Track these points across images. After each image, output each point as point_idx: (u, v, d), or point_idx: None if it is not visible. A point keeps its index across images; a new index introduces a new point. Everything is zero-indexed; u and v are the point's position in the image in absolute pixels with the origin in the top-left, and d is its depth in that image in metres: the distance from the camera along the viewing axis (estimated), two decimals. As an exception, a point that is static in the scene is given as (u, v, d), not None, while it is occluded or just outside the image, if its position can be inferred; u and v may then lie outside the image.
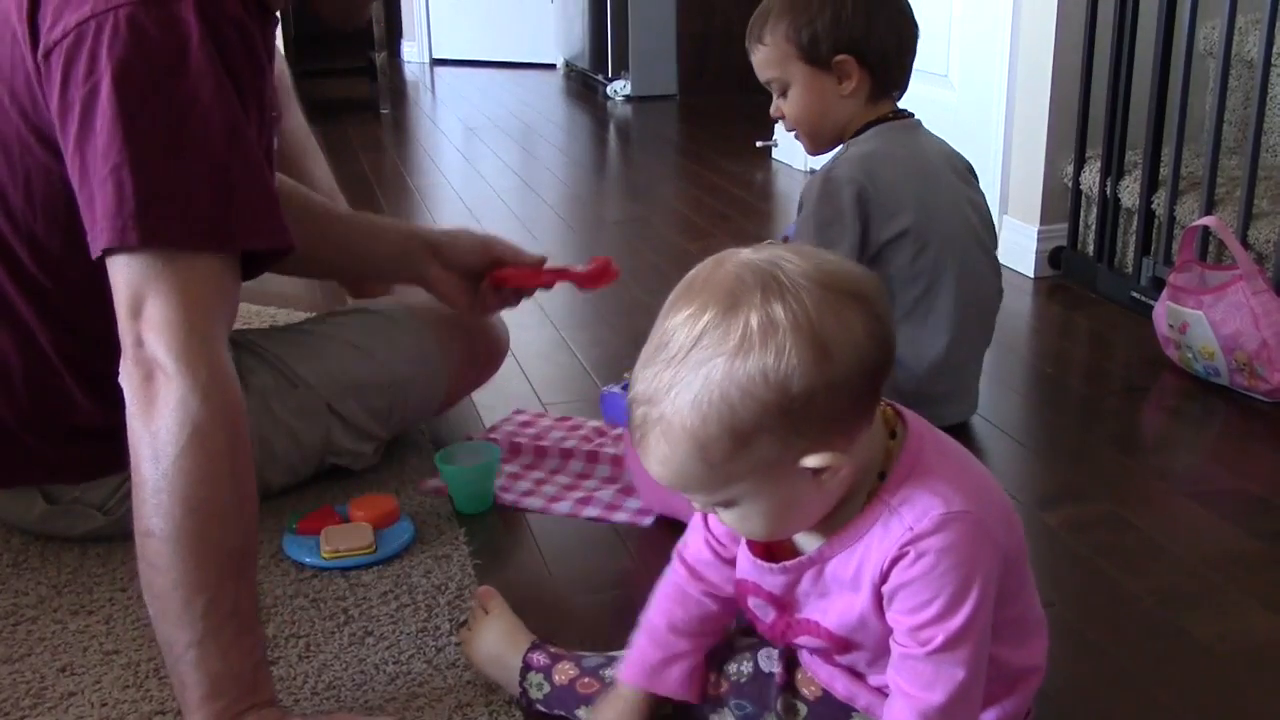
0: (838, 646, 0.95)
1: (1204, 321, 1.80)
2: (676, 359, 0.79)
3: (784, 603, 0.96)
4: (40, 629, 1.26)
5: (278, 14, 1.35)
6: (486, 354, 1.71)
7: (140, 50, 1.06)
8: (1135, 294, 2.18)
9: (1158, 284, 2.07)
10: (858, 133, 1.64)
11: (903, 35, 1.64)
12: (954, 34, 2.67)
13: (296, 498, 1.51)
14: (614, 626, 1.25)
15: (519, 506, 1.51)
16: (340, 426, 1.52)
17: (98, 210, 1.06)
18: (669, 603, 1.04)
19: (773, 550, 0.95)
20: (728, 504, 0.86)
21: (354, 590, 1.32)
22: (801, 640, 0.97)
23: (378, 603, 1.29)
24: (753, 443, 0.80)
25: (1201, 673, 1.18)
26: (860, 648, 0.94)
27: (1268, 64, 1.93)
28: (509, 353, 1.77)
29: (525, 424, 1.73)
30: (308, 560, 1.36)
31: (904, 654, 0.87)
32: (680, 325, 0.80)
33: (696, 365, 0.79)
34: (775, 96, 1.66)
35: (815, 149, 1.72)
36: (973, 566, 0.85)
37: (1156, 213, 2.19)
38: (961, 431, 1.68)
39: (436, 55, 6.28)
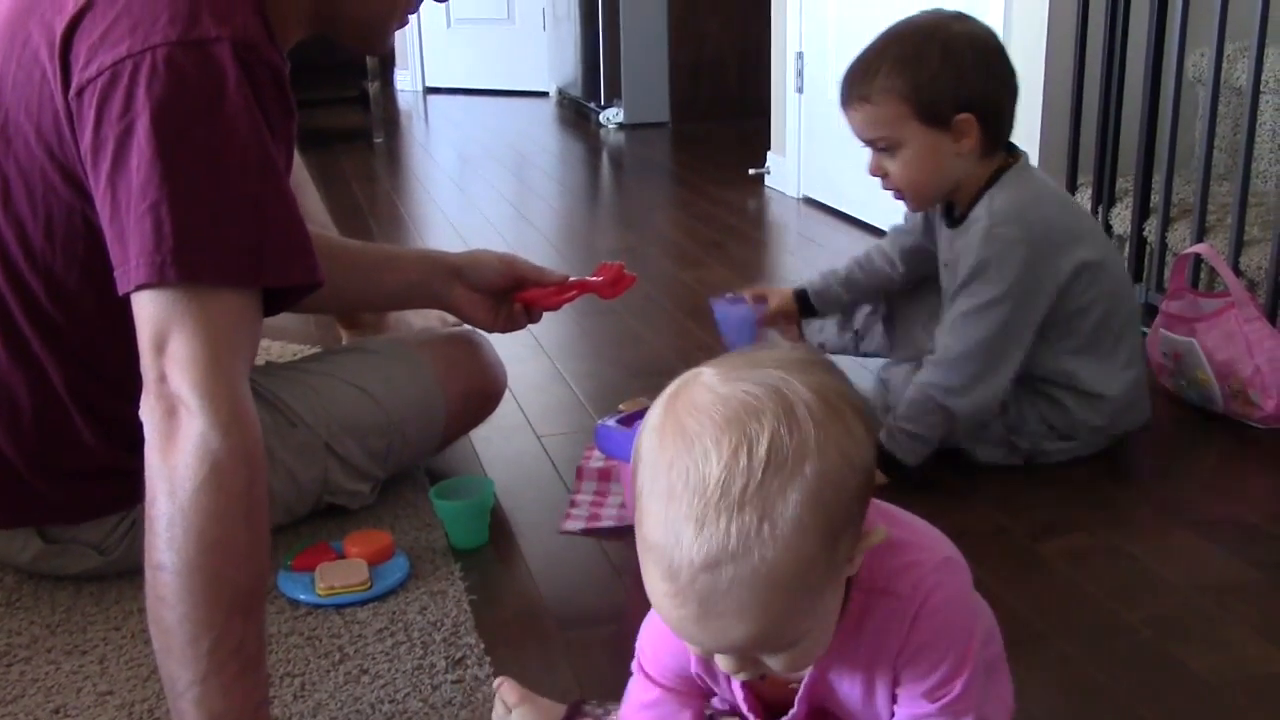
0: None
1: (1197, 349, 1.80)
2: (748, 495, 0.71)
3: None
4: (34, 670, 1.25)
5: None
6: (485, 392, 1.71)
7: (178, 90, 1.07)
8: (1128, 321, 2.19)
9: (1150, 312, 2.07)
10: (988, 184, 1.61)
11: (1013, 87, 1.60)
12: (944, 62, 2.68)
13: (292, 534, 1.51)
14: (612, 662, 1.26)
15: (591, 530, 1.53)
16: (338, 466, 1.52)
17: (131, 248, 1.07)
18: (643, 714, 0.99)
19: (765, 699, 0.92)
20: (795, 642, 0.78)
21: (349, 627, 1.31)
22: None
23: (373, 640, 1.29)
24: (840, 544, 0.75)
25: (1197, 704, 1.17)
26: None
27: (1256, 91, 1.94)
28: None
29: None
30: (302, 597, 1.36)
31: (910, 715, 0.86)
32: (724, 462, 0.72)
33: (783, 485, 0.72)
34: (875, 153, 1.61)
35: (920, 207, 1.70)
36: (970, 609, 0.86)
37: (1148, 240, 2.20)
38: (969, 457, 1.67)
39: (430, 84, 6.31)
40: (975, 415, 1.62)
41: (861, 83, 1.57)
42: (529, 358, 2.12)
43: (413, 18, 1.38)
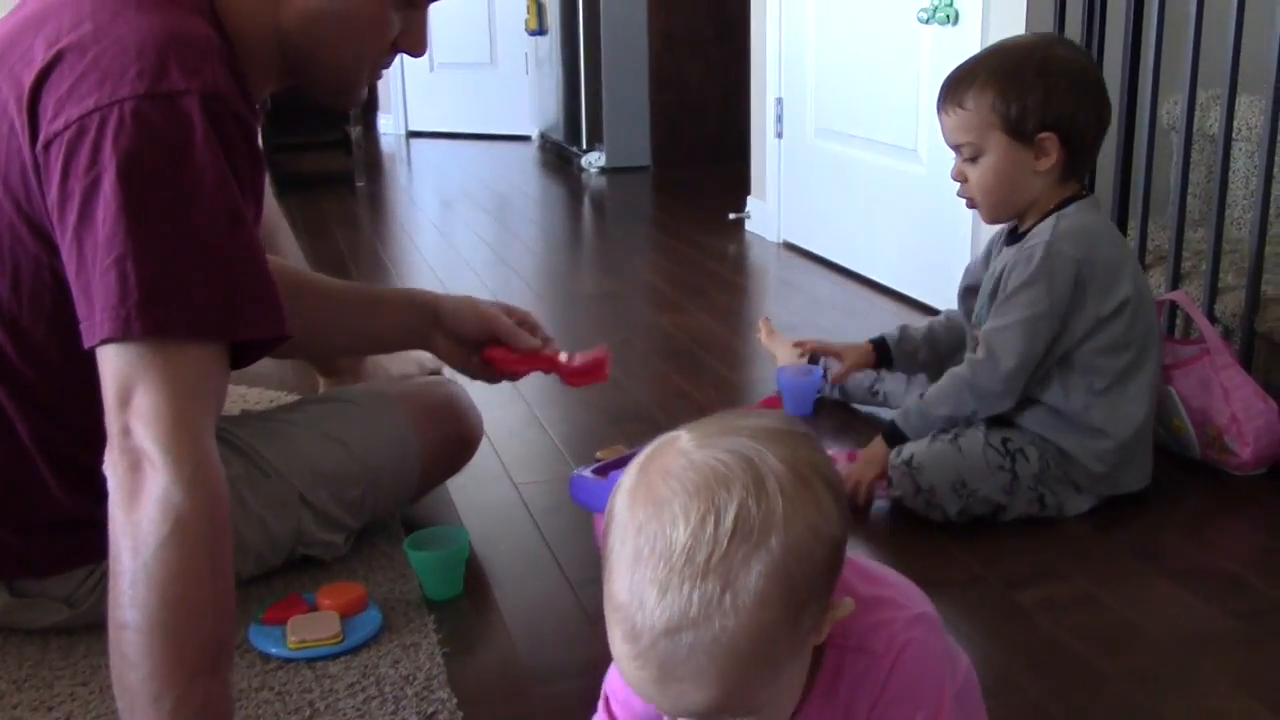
0: None
1: (1173, 396, 1.81)
2: (712, 564, 0.71)
3: None
4: (-2, 727, 1.23)
5: (261, 104, 1.37)
6: (461, 441, 1.70)
7: (145, 142, 1.07)
8: (1105, 366, 2.19)
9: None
10: (1058, 207, 1.66)
11: (1103, 119, 1.67)
12: (922, 109, 2.70)
13: (264, 585, 1.49)
14: (586, 716, 1.24)
15: None
16: (312, 517, 1.51)
17: (97, 301, 1.06)
18: None
19: None
20: (754, 710, 0.77)
21: (320, 681, 1.30)
22: None
23: (344, 695, 1.27)
24: (803, 618, 0.75)
25: (1177, 758, 1.17)
26: None
27: (1229, 138, 1.96)
28: (481, 432, 1.76)
29: None
30: (273, 651, 1.34)
31: None
32: (691, 529, 0.72)
33: (746, 556, 0.72)
34: (960, 160, 1.67)
35: (992, 219, 1.74)
36: (943, 665, 0.86)
37: (1124, 286, 2.21)
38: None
39: (413, 127, 6.33)
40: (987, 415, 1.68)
41: (958, 89, 1.65)
42: (506, 403, 2.11)
43: (396, 62, 1.38)
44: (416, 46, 1.31)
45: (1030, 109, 1.60)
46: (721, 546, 0.72)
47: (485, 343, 1.57)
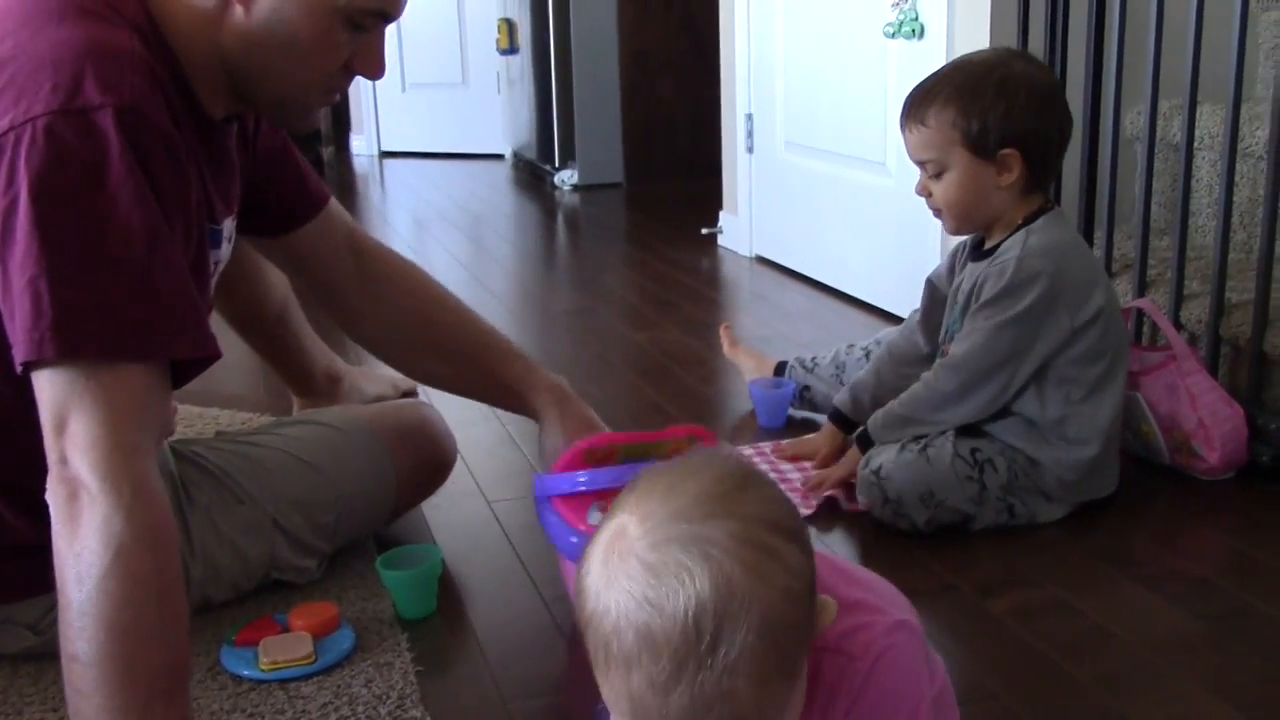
0: None
1: (1141, 402, 1.82)
2: (704, 667, 0.73)
3: None
4: (-33, 755, 1.22)
5: (233, 119, 1.35)
6: (435, 464, 1.70)
7: (58, 161, 1.05)
8: (1075, 374, 2.21)
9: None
10: (1026, 221, 1.67)
11: (1064, 132, 1.68)
12: (890, 122, 2.71)
13: (236, 608, 1.48)
14: (558, 733, 1.24)
15: None
16: (285, 542, 1.50)
17: (17, 324, 1.05)
18: None
19: None
20: None
21: (293, 703, 1.29)
22: None
23: (317, 715, 1.27)
24: (799, 664, 0.78)
25: (1148, 762, 1.18)
26: None
27: (1190, 147, 1.98)
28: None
29: None
30: (245, 673, 1.34)
31: None
32: (672, 641, 0.73)
33: (731, 653, 0.73)
34: (925, 176, 1.69)
35: (956, 231, 1.76)
36: (921, 673, 0.87)
37: (1092, 294, 2.23)
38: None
39: (385, 148, 6.32)
40: (952, 426, 1.68)
41: (920, 106, 1.66)
42: (479, 421, 2.11)
43: (367, 83, 1.36)
44: (371, 69, 1.26)
45: (991, 125, 1.61)
46: (706, 652, 0.73)
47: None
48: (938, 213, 1.73)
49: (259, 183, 1.48)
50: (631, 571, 0.76)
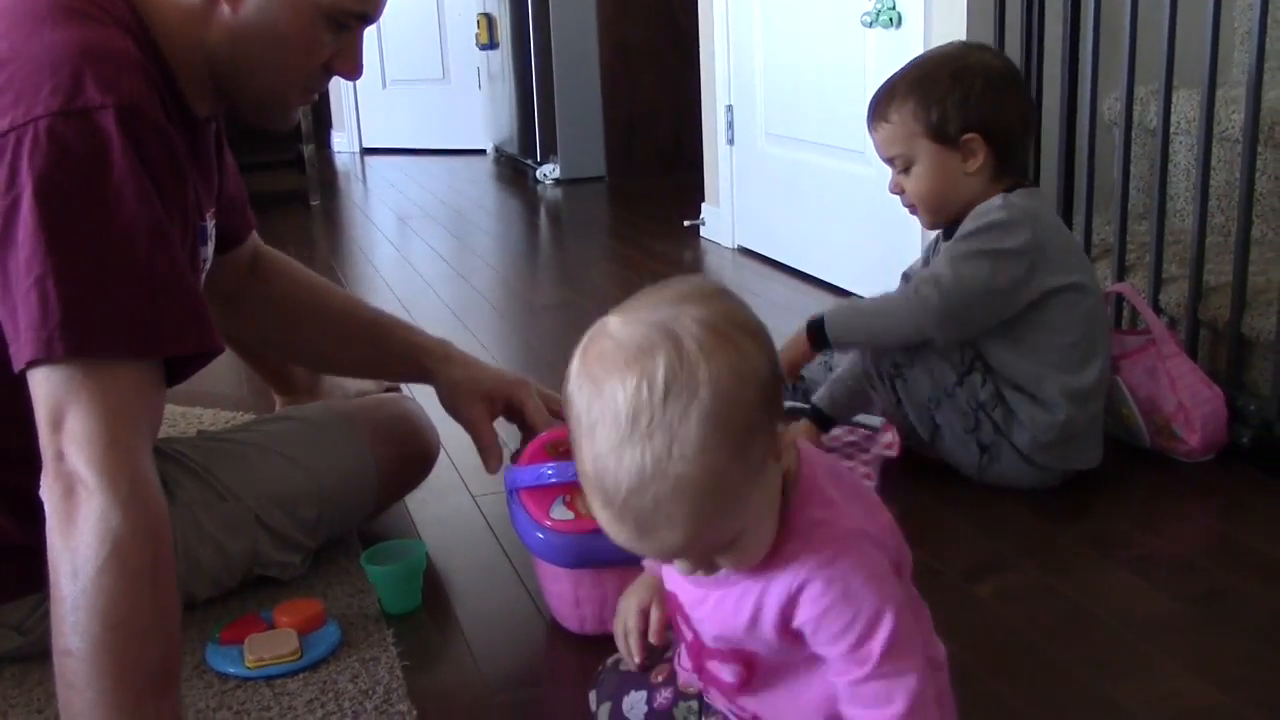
0: (738, 664, 0.95)
1: (1121, 386, 1.83)
2: (654, 423, 0.79)
3: (692, 624, 0.97)
4: (-48, 757, 1.22)
5: (212, 118, 1.36)
6: (418, 459, 1.70)
7: (61, 161, 1.06)
8: (1056, 360, 2.22)
9: (1077, 350, 2.10)
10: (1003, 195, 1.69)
11: (1025, 116, 1.71)
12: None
13: (221, 606, 1.48)
14: (544, 724, 1.25)
15: None
16: (268, 538, 1.50)
17: (21, 323, 1.05)
18: None
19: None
20: (733, 542, 0.86)
21: (279, 700, 1.29)
22: (711, 666, 0.98)
23: (303, 711, 1.27)
24: (749, 450, 0.83)
25: (1131, 741, 1.18)
26: (759, 666, 0.95)
27: (1167, 132, 1.99)
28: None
29: None
30: (231, 671, 1.33)
31: (850, 683, 0.90)
32: (629, 400, 0.80)
33: (682, 411, 0.80)
34: (895, 172, 1.71)
35: (933, 224, 1.78)
36: (881, 579, 0.89)
37: (1072, 280, 2.24)
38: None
39: (367, 144, 6.31)
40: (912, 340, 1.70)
41: (882, 104, 1.70)
42: (464, 417, 2.10)
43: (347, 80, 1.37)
44: (350, 69, 1.29)
45: (950, 113, 1.64)
46: (658, 408, 0.80)
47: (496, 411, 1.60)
48: (913, 209, 1.75)
49: (221, 199, 1.49)
50: (601, 348, 0.84)
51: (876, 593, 0.89)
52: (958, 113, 1.64)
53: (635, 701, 1.12)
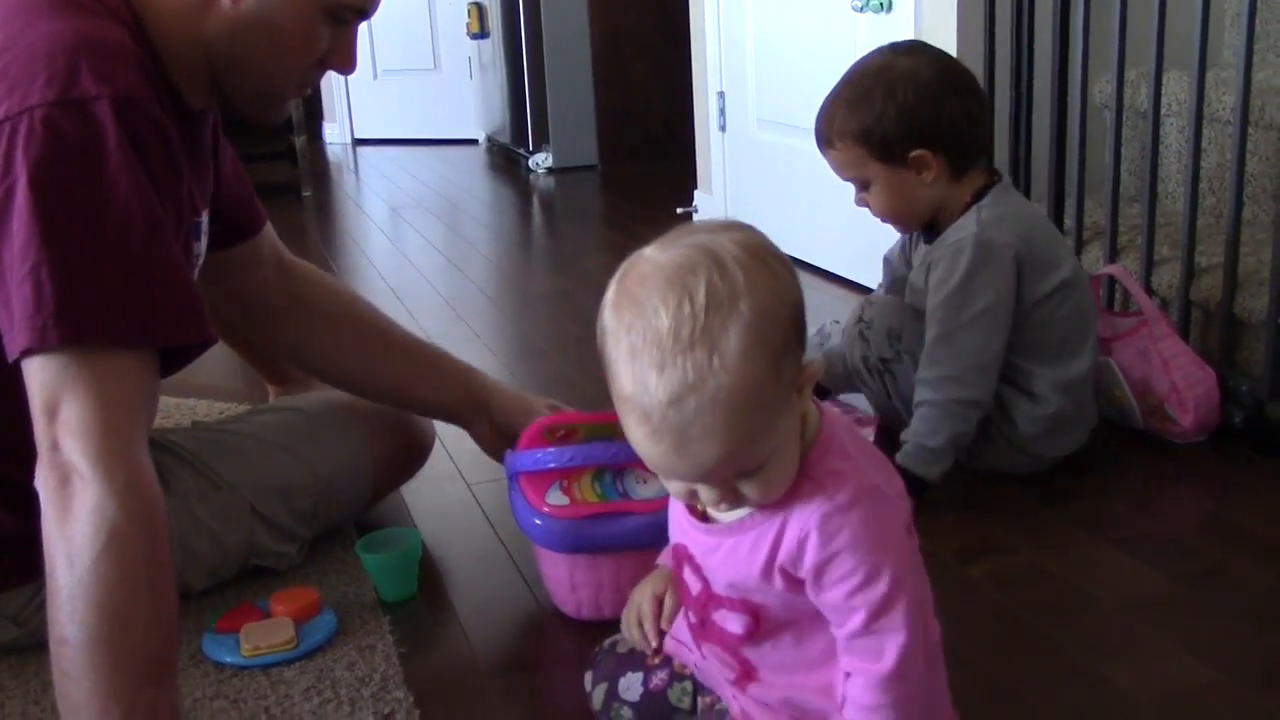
0: (746, 615, 0.96)
1: (1114, 368, 1.84)
2: (696, 336, 0.81)
3: (703, 574, 0.98)
4: (-51, 749, 1.22)
5: (208, 111, 1.35)
6: (413, 449, 1.70)
7: (57, 150, 1.06)
8: (1049, 343, 2.22)
9: (1069, 332, 2.10)
10: (974, 198, 1.66)
11: (970, 111, 1.63)
12: (861, 97, 2.72)
13: (217, 594, 1.48)
14: (544, 707, 1.25)
15: None
16: (264, 528, 1.50)
17: (16, 313, 1.05)
18: None
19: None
20: (760, 467, 0.87)
21: (275, 688, 1.29)
22: (718, 616, 0.98)
23: (300, 700, 1.27)
24: (783, 369, 0.85)
25: (1123, 719, 1.19)
26: (765, 619, 0.95)
27: (1158, 114, 1.99)
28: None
29: None
30: (228, 659, 1.34)
31: (846, 634, 0.91)
32: (671, 314, 0.81)
33: (723, 323, 0.81)
34: (857, 190, 1.68)
35: (907, 231, 1.77)
36: (890, 536, 0.90)
37: (1064, 263, 2.24)
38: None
39: (359, 135, 6.30)
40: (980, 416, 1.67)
41: (825, 130, 1.66)
42: (458, 406, 2.11)
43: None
44: (345, 63, 1.30)
45: (891, 134, 1.59)
46: (700, 319, 0.81)
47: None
48: (884, 219, 1.72)
49: (219, 193, 1.48)
50: (641, 271, 0.85)
51: (884, 547, 0.90)
52: (898, 131, 1.58)
53: (631, 683, 1.14)
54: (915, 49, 1.68)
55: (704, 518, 0.97)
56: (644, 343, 0.82)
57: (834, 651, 0.95)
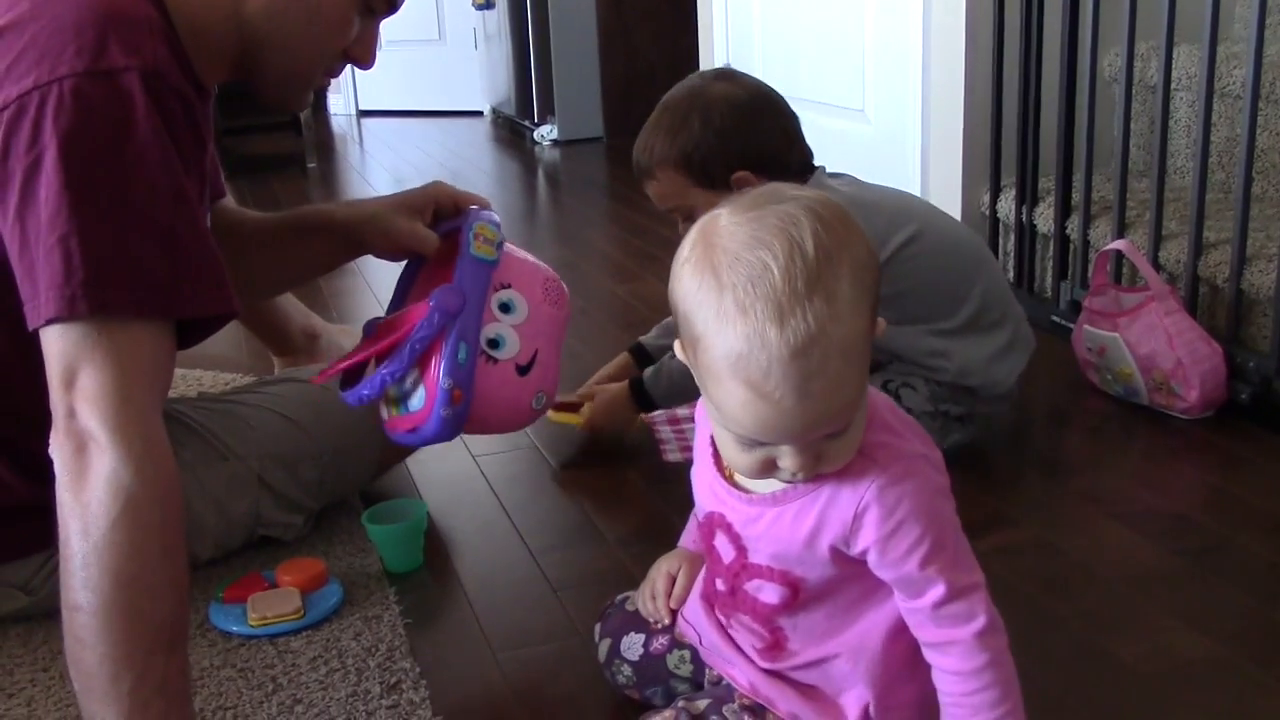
0: (784, 587, 0.95)
1: (1120, 343, 1.83)
2: (813, 285, 0.80)
3: (742, 543, 0.97)
4: (-41, 715, 1.23)
5: (213, 89, 1.36)
6: None
7: (86, 120, 1.06)
8: (1055, 318, 2.22)
9: (1076, 308, 2.10)
10: None
11: (785, 128, 1.63)
12: (867, 69, 2.71)
13: (224, 565, 1.49)
14: (550, 680, 1.26)
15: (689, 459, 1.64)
16: (270, 499, 1.50)
17: (41, 281, 1.05)
18: None
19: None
20: (848, 427, 0.86)
21: (282, 657, 1.30)
22: (750, 587, 0.98)
23: (307, 669, 1.28)
24: (873, 322, 0.85)
25: (1125, 693, 1.19)
26: (803, 591, 0.95)
27: (1168, 88, 1.98)
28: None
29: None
30: (235, 629, 1.34)
31: (932, 604, 0.90)
32: (783, 265, 0.80)
33: (834, 273, 0.81)
34: (681, 222, 1.63)
35: None
36: (944, 502, 0.91)
37: (1071, 238, 2.24)
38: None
39: (363, 107, 6.28)
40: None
41: (644, 160, 1.63)
42: (464, 378, 2.11)
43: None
44: (365, 57, 1.34)
45: (711, 160, 1.58)
46: (813, 269, 0.80)
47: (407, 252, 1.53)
48: None
49: None
50: (733, 233, 0.83)
51: (941, 513, 0.90)
52: (718, 155, 1.57)
53: (633, 643, 1.16)
54: (725, 75, 1.66)
55: (740, 487, 0.96)
56: (753, 297, 0.80)
57: (865, 617, 0.96)
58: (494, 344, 1.38)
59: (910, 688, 0.97)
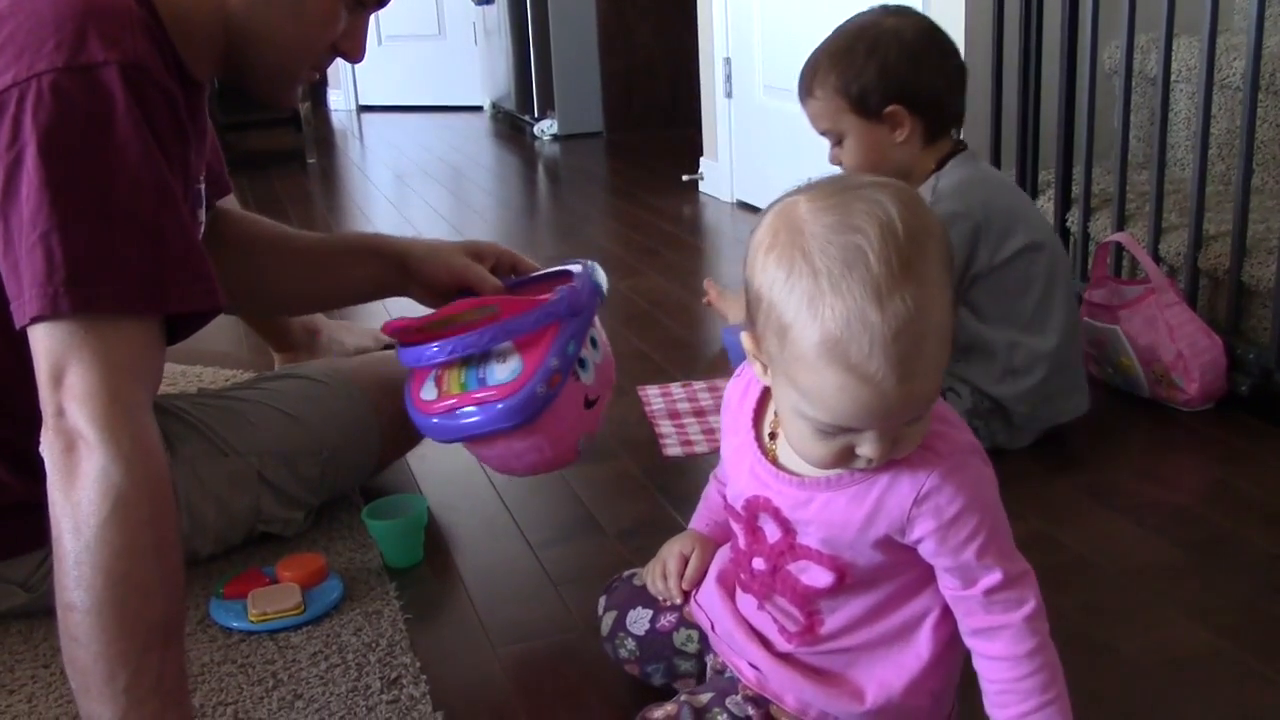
0: (833, 571, 0.95)
1: (1120, 336, 1.83)
2: (909, 266, 0.80)
3: (790, 526, 0.97)
4: (-40, 712, 1.23)
5: (206, 83, 1.35)
6: None
7: (66, 116, 1.06)
8: (1056, 311, 2.21)
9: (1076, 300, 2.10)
10: (938, 168, 1.67)
11: (950, 77, 1.67)
12: (868, 63, 2.70)
13: (224, 560, 1.49)
14: (550, 675, 1.26)
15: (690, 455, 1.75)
16: (271, 495, 1.50)
17: (24, 280, 1.05)
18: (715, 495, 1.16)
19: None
20: (927, 412, 0.87)
21: (283, 653, 1.30)
22: (793, 568, 0.98)
23: (307, 664, 1.28)
24: (955, 303, 0.87)
25: (1126, 686, 1.19)
26: (850, 576, 0.95)
27: (1168, 81, 1.98)
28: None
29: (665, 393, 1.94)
30: (235, 625, 1.35)
31: (984, 591, 0.91)
32: (877, 245, 0.80)
33: (922, 254, 0.81)
34: (832, 146, 1.69)
35: None
36: (994, 491, 0.92)
37: (1071, 230, 2.24)
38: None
39: (363, 102, 6.28)
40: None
41: (807, 79, 1.68)
42: (464, 373, 2.11)
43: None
44: (354, 51, 1.33)
45: (869, 87, 1.62)
46: (905, 251, 0.80)
47: (460, 290, 1.53)
48: None
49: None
50: (820, 218, 0.83)
51: (993, 501, 0.92)
52: (877, 85, 1.61)
53: (639, 617, 1.16)
54: (904, 11, 1.71)
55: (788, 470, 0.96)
56: (850, 280, 0.80)
57: (905, 607, 0.96)
58: (582, 364, 1.38)
59: (933, 680, 0.98)
